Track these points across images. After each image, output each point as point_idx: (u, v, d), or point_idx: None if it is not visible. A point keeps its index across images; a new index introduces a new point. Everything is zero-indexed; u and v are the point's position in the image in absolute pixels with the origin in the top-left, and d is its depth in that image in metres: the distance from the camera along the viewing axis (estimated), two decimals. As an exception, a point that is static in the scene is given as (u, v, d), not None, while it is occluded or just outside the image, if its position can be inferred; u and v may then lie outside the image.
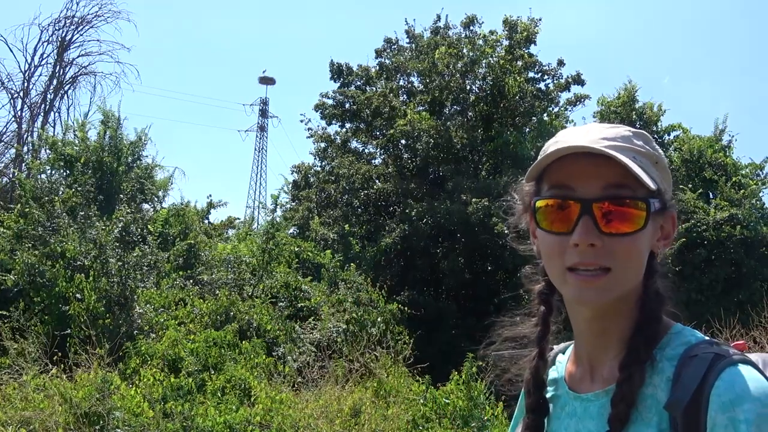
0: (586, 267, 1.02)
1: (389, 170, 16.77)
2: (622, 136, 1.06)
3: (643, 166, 1.03)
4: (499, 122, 16.53)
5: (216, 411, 6.54)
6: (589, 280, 1.02)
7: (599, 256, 1.01)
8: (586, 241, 1.01)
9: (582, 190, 1.03)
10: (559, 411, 1.15)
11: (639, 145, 1.06)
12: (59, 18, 18.77)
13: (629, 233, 1.02)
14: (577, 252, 1.02)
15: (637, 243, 1.03)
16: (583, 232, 1.01)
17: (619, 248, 1.02)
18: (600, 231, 1.01)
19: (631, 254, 1.03)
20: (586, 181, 1.03)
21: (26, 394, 6.21)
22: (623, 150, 1.02)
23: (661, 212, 1.07)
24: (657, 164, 1.07)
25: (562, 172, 1.05)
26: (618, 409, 1.00)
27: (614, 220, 1.02)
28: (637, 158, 1.03)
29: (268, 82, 47.88)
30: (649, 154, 1.06)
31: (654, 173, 1.05)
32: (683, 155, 14.66)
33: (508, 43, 16.48)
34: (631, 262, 1.03)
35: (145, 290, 9.55)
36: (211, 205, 16.27)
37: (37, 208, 9.80)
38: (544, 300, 1.20)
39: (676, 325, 1.08)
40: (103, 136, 13.03)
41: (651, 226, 1.05)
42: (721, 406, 0.93)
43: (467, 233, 14.73)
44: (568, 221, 1.03)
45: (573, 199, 1.03)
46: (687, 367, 0.98)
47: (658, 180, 1.05)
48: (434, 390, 7.57)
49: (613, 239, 1.02)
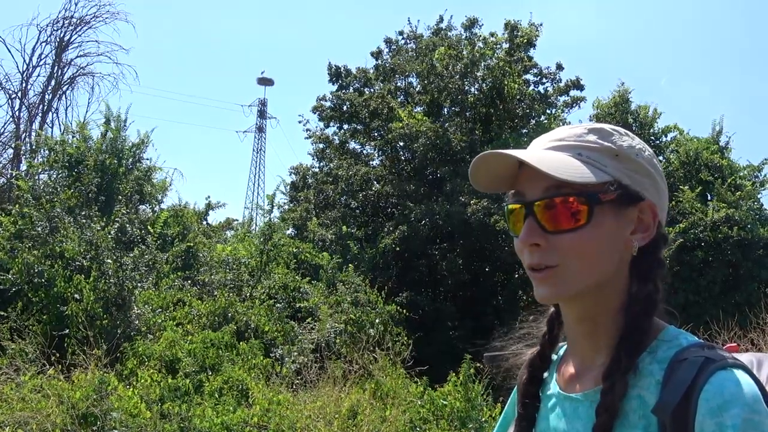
0: (537, 266, 1.06)
1: (387, 172, 16.78)
2: (575, 135, 1.08)
3: (589, 161, 1.05)
4: (498, 124, 16.56)
5: (213, 412, 6.53)
6: (541, 278, 1.06)
7: (545, 255, 1.05)
8: (529, 240, 1.05)
9: (528, 193, 1.08)
10: (549, 410, 1.15)
11: (590, 141, 1.07)
12: (57, 19, 18.75)
13: (571, 229, 1.04)
14: (527, 252, 1.07)
15: (583, 238, 1.03)
16: (527, 232, 1.06)
17: (564, 245, 1.04)
18: (544, 230, 1.05)
19: (578, 249, 1.04)
20: (530, 185, 1.07)
21: (23, 394, 6.19)
22: (568, 148, 1.06)
23: (627, 204, 1.06)
24: (618, 156, 1.07)
25: (518, 179, 1.10)
26: (601, 419, 1.01)
27: (555, 218, 1.04)
28: (583, 154, 1.06)
29: (267, 83, 47.97)
30: (602, 148, 1.07)
31: (609, 166, 1.05)
32: (680, 157, 14.68)
33: (509, 46, 16.53)
34: (581, 258, 1.04)
35: (143, 291, 9.54)
36: (210, 206, 16.26)
37: (36, 208, 9.78)
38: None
39: (668, 328, 1.07)
40: (104, 137, 13.02)
41: (611, 219, 1.05)
42: (710, 411, 0.92)
43: (466, 235, 14.74)
44: (520, 223, 1.08)
45: (521, 203, 1.08)
46: (676, 371, 0.98)
47: (613, 171, 1.05)
48: (432, 391, 7.57)
49: (557, 237, 1.04)
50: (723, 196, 13.16)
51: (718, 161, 14.15)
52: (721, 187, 13.29)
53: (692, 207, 13.04)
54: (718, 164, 14.12)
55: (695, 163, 14.40)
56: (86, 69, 18.98)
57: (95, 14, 19.00)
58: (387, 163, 17.11)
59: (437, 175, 16.12)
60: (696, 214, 12.91)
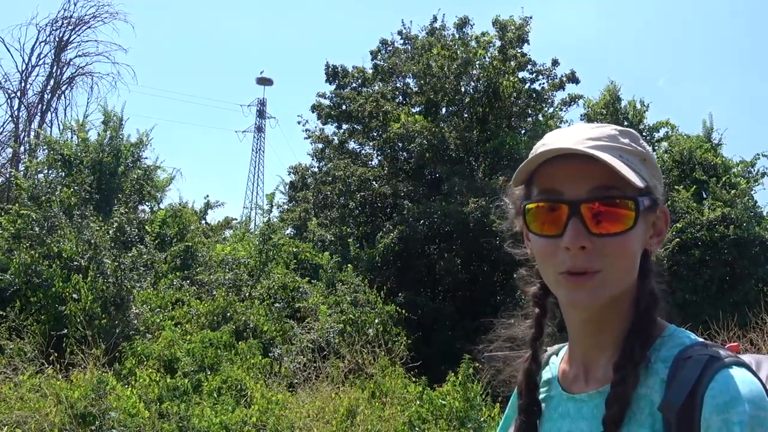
0: (578, 271, 1.02)
1: (385, 172, 16.78)
2: (608, 136, 1.06)
3: (630, 165, 1.02)
4: (495, 123, 16.54)
5: (212, 411, 6.53)
6: (580, 283, 1.02)
7: (590, 259, 1.01)
8: (577, 243, 1.00)
9: (570, 192, 1.02)
10: (552, 412, 1.15)
11: (625, 143, 1.06)
12: (56, 18, 18.74)
13: (619, 233, 1.02)
14: (569, 255, 1.02)
15: (628, 242, 1.03)
16: (573, 234, 1.01)
17: (609, 249, 1.01)
18: (589, 232, 1.01)
19: (622, 254, 1.03)
20: (573, 183, 1.02)
21: (22, 394, 6.19)
22: (609, 149, 1.02)
23: (652, 209, 1.07)
24: (645, 161, 1.07)
25: (551, 175, 1.05)
26: (612, 410, 1.00)
27: (603, 221, 1.01)
28: (623, 156, 1.03)
29: (266, 83, 47.89)
30: (636, 152, 1.06)
31: (642, 171, 1.05)
32: (674, 156, 14.67)
33: (500, 43, 16.49)
34: (623, 262, 1.03)
35: (141, 291, 9.54)
36: (209, 206, 16.26)
37: (34, 208, 9.78)
38: (539, 302, 1.20)
39: (670, 327, 1.08)
40: (103, 137, 13.01)
41: (642, 224, 1.04)
42: (716, 408, 0.93)
43: (464, 234, 14.74)
44: (558, 224, 1.03)
45: (562, 202, 1.03)
46: (681, 369, 0.98)
47: (646, 177, 1.05)
48: (431, 391, 7.56)
49: (603, 240, 1.01)
50: (718, 194, 13.16)
51: (711, 160, 14.15)
52: (715, 186, 13.29)
53: (688, 207, 13.04)
54: (712, 163, 14.12)
55: (689, 162, 14.39)
56: (85, 69, 18.98)
57: (94, 14, 19.00)
58: (385, 163, 17.12)
59: (435, 175, 16.12)
60: (692, 213, 12.91)
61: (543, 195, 1.05)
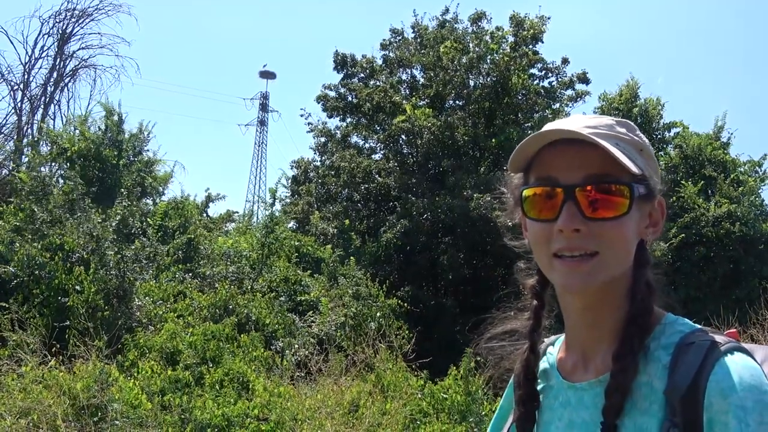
0: (572, 252, 1.03)
1: (390, 165, 16.74)
2: (605, 125, 1.08)
3: (626, 152, 1.04)
4: (502, 118, 16.49)
5: (214, 404, 6.55)
6: (574, 265, 1.04)
7: (584, 241, 1.03)
8: (570, 226, 1.03)
9: (566, 178, 1.05)
10: (552, 401, 1.15)
11: (622, 133, 1.08)
12: (60, 10, 18.73)
13: (613, 218, 1.03)
14: (562, 237, 1.04)
15: (622, 228, 1.04)
16: (567, 217, 1.03)
17: (603, 233, 1.03)
18: (584, 216, 1.03)
19: (616, 239, 1.04)
20: (570, 170, 1.05)
21: (25, 385, 6.21)
22: (606, 137, 1.04)
23: (648, 199, 1.08)
24: (642, 151, 1.09)
25: (548, 162, 1.07)
26: (612, 399, 1.01)
27: (598, 206, 1.03)
28: (620, 145, 1.05)
29: (269, 77, 47.91)
30: (632, 142, 1.08)
31: (638, 160, 1.06)
32: (683, 152, 14.65)
33: (514, 39, 16.42)
34: (617, 247, 1.05)
35: (144, 283, 9.55)
36: (210, 198, 16.27)
37: (36, 201, 9.79)
38: (537, 294, 1.22)
39: (668, 315, 1.09)
40: (104, 131, 13.03)
41: (637, 212, 1.06)
42: (720, 392, 0.94)
43: (468, 229, 14.71)
44: (554, 208, 1.05)
45: (557, 186, 1.05)
46: (684, 355, 0.99)
47: (642, 166, 1.06)
48: (432, 385, 7.58)
49: (597, 224, 1.03)
50: (725, 191, 13.14)
51: (721, 157, 14.12)
52: (723, 183, 13.27)
53: (694, 202, 13.02)
54: (721, 160, 14.09)
55: (698, 158, 14.37)
56: (88, 61, 18.99)
57: (97, 6, 18.99)
58: (389, 156, 17.07)
59: (440, 168, 16.09)
60: (698, 209, 12.89)
61: (540, 181, 1.08)
